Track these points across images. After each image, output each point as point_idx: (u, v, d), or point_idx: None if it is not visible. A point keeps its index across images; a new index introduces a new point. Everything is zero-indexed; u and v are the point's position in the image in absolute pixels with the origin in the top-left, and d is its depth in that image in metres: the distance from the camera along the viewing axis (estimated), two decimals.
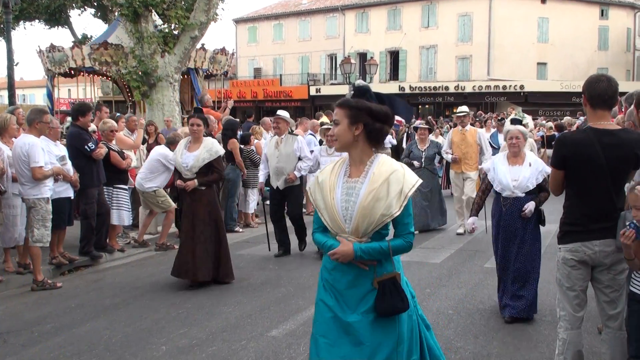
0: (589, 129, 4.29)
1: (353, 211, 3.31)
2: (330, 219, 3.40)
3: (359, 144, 3.39)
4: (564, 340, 4.36)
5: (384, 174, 3.30)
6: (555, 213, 5.15)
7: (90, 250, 9.19)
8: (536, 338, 5.93)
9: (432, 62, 45.67)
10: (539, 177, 6.43)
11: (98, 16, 35.81)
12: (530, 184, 6.39)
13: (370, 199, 3.26)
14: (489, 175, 6.70)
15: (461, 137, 11.51)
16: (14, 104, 16.03)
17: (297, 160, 9.71)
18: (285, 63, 52.17)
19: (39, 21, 36.56)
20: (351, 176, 3.42)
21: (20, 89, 53.23)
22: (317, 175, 3.57)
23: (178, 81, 15.28)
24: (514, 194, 6.42)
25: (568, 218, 4.37)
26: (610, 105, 4.29)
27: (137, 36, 14.28)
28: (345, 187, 3.39)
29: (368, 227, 3.29)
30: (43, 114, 8.07)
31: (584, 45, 43.72)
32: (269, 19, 53.54)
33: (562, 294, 4.40)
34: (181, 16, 14.60)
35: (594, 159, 4.13)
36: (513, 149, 6.58)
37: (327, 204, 3.39)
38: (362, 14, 48.39)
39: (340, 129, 3.38)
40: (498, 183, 6.51)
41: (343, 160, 3.52)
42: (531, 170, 6.44)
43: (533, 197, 6.42)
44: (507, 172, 6.49)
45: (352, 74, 29.07)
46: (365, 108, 3.34)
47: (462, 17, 43.68)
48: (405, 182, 3.30)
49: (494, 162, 6.72)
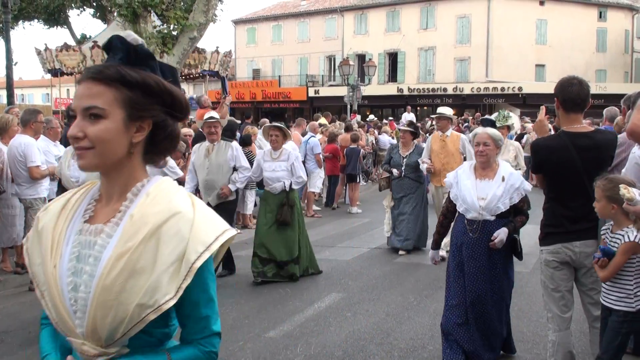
0: (562, 133, 4.30)
1: (87, 294, 1.69)
2: (53, 306, 1.76)
3: (132, 159, 1.81)
4: (553, 342, 4.39)
5: (152, 220, 1.71)
6: (535, 215, 5.24)
7: None
8: (533, 339, 5.95)
9: (431, 64, 45.68)
10: (514, 195, 4.98)
11: (97, 16, 35.79)
12: (502, 204, 4.93)
13: (118, 272, 1.67)
14: (451, 193, 5.25)
15: (441, 144, 9.52)
16: (13, 103, 16.00)
17: (231, 172, 8.32)
18: (284, 64, 52.17)
19: (38, 21, 36.53)
20: (93, 220, 1.81)
21: (19, 88, 53.22)
22: (38, 215, 1.90)
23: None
24: (481, 216, 4.97)
25: (548, 220, 4.42)
26: (582, 107, 4.30)
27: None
28: (78, 244, 1.77)
29: (116, 328, 1.68)
30: (37, 114, 8.08)
31: (582, 47, 43.75)
32: (268, 20, 53.54)
33: (548, 295, 4.43)
34: (180, 17, 14.61)
35: (570, 163, 4.16)
36: (480, 158, 5.11)
37: (47, 277, 1.76)
38: (360, 16, 48.41)
39: (107, 129, 1.71)
40: (461, 202, 5.08)
41: (89, 188, 1.92)
42: (504, 186, 4.95)
43: (506, 222, 4.99)
44: (473, 187, 5.04)
45: (350, 75, 29.09)
46: (159, 90, 1.78)
47: (461, 19, 43.70)
48: (196, 237, 1.73)
49: (457, 175, 5.24)
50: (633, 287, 3.93)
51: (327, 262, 9.20)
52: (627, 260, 3.92)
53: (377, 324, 6.49)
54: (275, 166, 8.34)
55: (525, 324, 6.41)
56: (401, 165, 9.94)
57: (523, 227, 5.17)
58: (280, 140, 8.42)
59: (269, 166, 8.39)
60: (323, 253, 9.85)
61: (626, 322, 3.93)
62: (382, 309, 6.97)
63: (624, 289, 3.95)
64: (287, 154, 8.38)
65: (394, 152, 10.24)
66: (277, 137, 8.36)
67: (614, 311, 4.01)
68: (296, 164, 8.43)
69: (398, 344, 5.91)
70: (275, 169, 8.31)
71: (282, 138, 8.43)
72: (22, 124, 7.99)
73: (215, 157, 8.32)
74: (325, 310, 6.97)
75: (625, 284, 3.95)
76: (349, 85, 28.62)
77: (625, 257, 3.90)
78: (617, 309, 3.97)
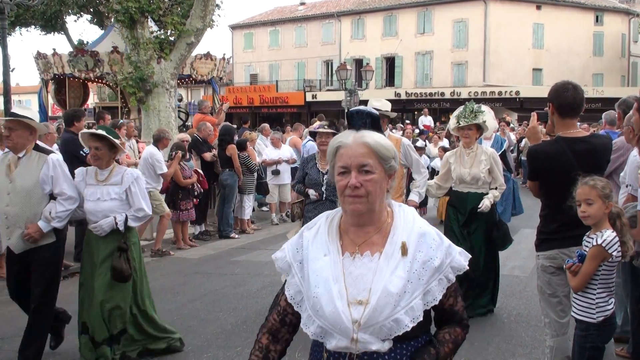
0: (559, 138, 4.28)
1: None
2: None
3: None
4: (551, 348, 4.37)
5: None
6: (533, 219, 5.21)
7: None
8: (531, 344, 5.94)
9: (428, 68, 45.75)
10: (432, 286, 2.19)
11: (94, 22, 35.85)
12: (406, 311, 2.23)
13: None
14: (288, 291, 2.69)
15: None
16: (10, 109, 15.97)
17: (46, 201, 5.44)
18: (281, 69, 52.25)
19: (35, 27, 36.60)
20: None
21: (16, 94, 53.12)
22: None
23: (174, 87, 15.25)
24: (357, 344, 2.23)
25: (545, 227, 4.40)
26: (578, 112, 4.29)
27: (133, 42, 14.28)
28: None
29: None
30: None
31: (579, 51, 43.84)
32: (265, 25, 53.63)
33: (545, 301, 4.41)
34: (177, 22, 14.57)
35: (568, 169, 4.11)
36: (352, 205, 2.31)
37: None
38: (357, 20, 48.48)
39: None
40: (313, 315, 2.45)
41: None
42: (408, 267, 2.22)
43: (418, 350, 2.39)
44: (335, 276, 2.30)
45: (348, 80, 29.11)
46: None
47: (458, 24, 43.78)
48: None
49: (295, 245, 2.50)
50: (595, 297, 3.81)
51: None
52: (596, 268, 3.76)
53: None
54: (102, 192, 5.45)
55: (524, 328, 6.40)
56: (320, 185, 6.70)
57: (521, 230, 5.05)
58: (105, 155, 5.46)
59: (92, 193, 5.45)
60: None
61: (589, 335, 3.83)
62: None
63: (588, 299, 3.83)
64: (120, 175, 5.51)
65: (310, 167, 6.89)
66: (100, 152, 5.42)
67: (577, 322, 3.92)
68: (134, 188, 5.52)
69: None
70: (102, 196, 5.43)
71: (108, 152, 5.47)
72: None
73: (20, 176, 5.37)
74: None
75: (589, 293, 3.82)
76: (347, 90, 28.63)
77: (594, 264, 3.75)
78: (580, 319, 3.89)
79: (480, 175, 6.71)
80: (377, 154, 2.26)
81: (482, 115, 6.78)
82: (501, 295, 7.55)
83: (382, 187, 2.29)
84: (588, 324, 3.83)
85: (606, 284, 3.83)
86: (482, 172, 6.72)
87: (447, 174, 7.03)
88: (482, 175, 6.71)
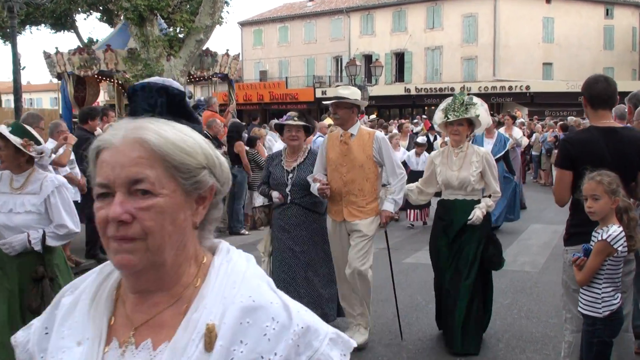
0: (592, 127, 4.31)
1: None
2: None
3: None
4: (569, 343, 4.33)
5: None
6: (561, 214, 5.09)
7: (96, 254, 9.20)
8: (542, 340, 5.92)
9: (438, 64, 45.63)
10: None
11: (104, 20, 35.98)
12: None
13: None
14: None
15: (341, 149, 5.67)
16: (21, 108, 16.10)
17: None
18: (290, 65, 52.23)
19: (45, 25, 36.76)
20: None
21: (27, 92, 53.48)
22: None
23: (184, 84, 15.32)
24: None
25: (574, 219, 4.33)
26: (610, 105, 4.31)
27: (143, 40, 14.33)
28: None
29: None
30: (39, 119, 8.07)
31: (589, 45, 43.60)
32: (274, 21, 53.63)
33: (569, 296, 4.34)
34: (186, 20, 14.64)
35: (600, 157, 4.08)
36: None
37: None
38: (367, 16, 48.39)
39: None
40: None
41: None
42: None
43: None
44: None
45: (357, 76, 29.10)
46: None
47: (467, 18, 43.62)
48: None
49: None
50: (601, 292, 3.79)
51: None
52: (601, 263, 3.75)
53: (385, 325, 6.47)
54: (15, 203, 4.37)
55: (534, 324, 6.38)
56: (285, 185, 5.92)
57: (532, 226, 5.00)
58: (9, 158, 4.42)
59: (4, 203, 4.38)
60: None
61: (596, 329, 3.81)
62: (390, 309, 6.93)
63: (594, 293, 3.82)
64: (39, 182, 4.42)
65: (275, 165, 6.09)
66: (2, 153, 4.43)
67: (584, 317, 3.90)
68: (54, 199, 4.41)
69: (406, 345, 5.89)
70: (15, 207, 4.37)
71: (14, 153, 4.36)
72: None
73: None
74: None
75: (594, 288, 3.82)
76: (356, 86, 28.64)
77: (599, 259, 3.73)
78: (586, 314, 3.87)
79: (470, 179, 5.58)
80: (164, 160, 1.26)
81: (474, 108, 5.65)
82: (512, 291, 7.54)
83: (178, 221, 1.27)
84: (594, 319, 3.81)
85: (612, 278, 3.81)
86: (473, 176, 5.58)
87: (431, 177, 5.93)
88: (472, 179, 5.57)
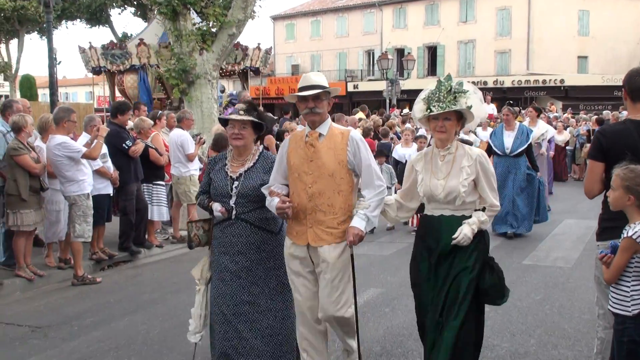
0: (627, 120, 4.29)
1: None
2: None
3: None
4: (602, 340, 4.29)
5: None
6: (595, 209, 4.98)
7: (129, 246, 9.32)
8: (574, 336, 5.85)
9: (471, 57, 45.25)
10: None
11: (138, 15, 36.38)
12: None
13: None
14: None
15: (306, 153, 4.44)
16: (56, 102, 16.33)
17: None
18: (322, 59, 52.25)
19: (80, 20, 37.29)
20: None
21: (62, 87, 54.30)
22: None
23: (216, 78, 15.41)
24: None
25: (607, 213, 4.26)
26: None
27: (176, 34, 14.43)
28: None
29: None
30: (71, 112, 8.16)
31: (625, 38, 42.75)
32: (307, 15, 53.68)
33: (601, 292, 4.29)
34: (219, 14, 14.70)
35: (633, 150, 4.03)
36: None
37: None
38: (399, 10, 48.15)
39: None
40: None
41: None
42: None
43: None
44: None
45: (389, 69, 29.01)
46: None
47: (501, 11, 43.16)
48: None
49: None
50: (630, 289, 3.72)
51: (365, 258, 9.13)
52: (628, 260, 3.69)
53: (415, 320, 6.44)
54: None
55: (567, 320, 6.30)
56: (229, 196, 4.66)
57: (564, 221, 4.79)
58: None
59: None
60: (361, 248, 9.80)
61: (626, 328, 3.74)
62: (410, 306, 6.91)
63: (623, 291, 3.76)
64: None
65: (217, 170, 4.80)
66: None
67: (614, 316, 3.84)
68: None
69: None
70: None
71: None
72: (55, 122, 8.01)
73: None
74: (363, 306, 6.93)
75: (622, 286, 3.75)
76: (388, 80, 28.52)
77: (625, 257, 3.68)
78: (615, 312, 3.80)
79: (460, 189, 4.22)
80: None
81: (464, 97, 4.23)
82: (544, 287, 7.46)
83: None
84: (624, 317, 3.74)
85: None
86: (464, 186, 4.23)
87: (413, 188, 4.54)
88: (462, 189, 4.22)
